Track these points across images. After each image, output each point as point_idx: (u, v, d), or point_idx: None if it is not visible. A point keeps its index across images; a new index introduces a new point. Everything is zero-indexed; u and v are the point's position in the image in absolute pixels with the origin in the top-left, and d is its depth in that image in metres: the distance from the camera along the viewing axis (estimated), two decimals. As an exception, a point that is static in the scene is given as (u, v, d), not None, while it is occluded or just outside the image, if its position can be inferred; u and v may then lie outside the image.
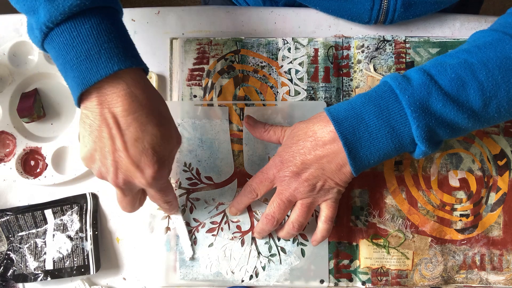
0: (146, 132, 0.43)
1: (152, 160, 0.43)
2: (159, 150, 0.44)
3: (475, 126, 0.47)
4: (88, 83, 0.41)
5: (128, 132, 0.42)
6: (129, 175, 0.44)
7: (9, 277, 0.57)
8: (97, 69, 0.41)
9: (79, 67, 0.41)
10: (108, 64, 0.41)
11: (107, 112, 0.42)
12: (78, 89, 0.41)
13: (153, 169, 0.44)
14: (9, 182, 0.60)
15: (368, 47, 0.60)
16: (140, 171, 0.43)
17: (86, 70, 0.41)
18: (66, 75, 0.42)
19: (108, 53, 0.41)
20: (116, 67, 0.41)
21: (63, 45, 0.41)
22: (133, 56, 0.43)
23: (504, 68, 0.45)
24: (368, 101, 0.48)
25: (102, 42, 0.41)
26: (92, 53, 0.41)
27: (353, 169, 0.49)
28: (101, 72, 0.41)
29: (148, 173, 0.44)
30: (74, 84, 0.41)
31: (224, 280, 0.57)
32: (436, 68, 0.47)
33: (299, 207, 0.52)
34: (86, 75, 0.41)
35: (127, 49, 0.43)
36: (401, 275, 0.58)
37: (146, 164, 0.43)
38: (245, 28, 0.62)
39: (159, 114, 0.44)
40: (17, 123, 0.59)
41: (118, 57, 0.41)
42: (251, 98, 0.60)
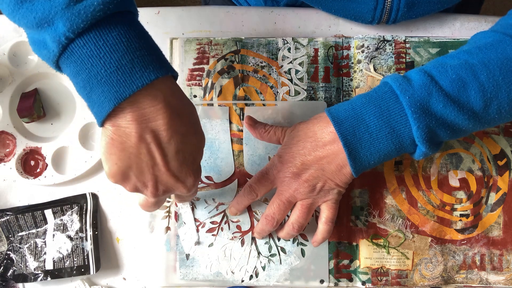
0: (185, 144, 0.41)
1: (192, 170, 0.42)
2: (197, 158, 0.43)
3: (475, 127, 0.47)
4: (122, 97, 0.36)
5: (169, 146, 0.40)
6: (169, 187, 0.42)
7: (9, 277, 0.57)
8: (132, 80, 0.36)
9: (109, 80, 0.36)
10: (144, 73, 0.37)
11: (145, 128, 0.38)
12: (109, 105, 0.37)
13: (193, 177, 0.43)
14: (9, 182, 0.60)
15: (368, 47, 0.60)
16: (182, 183, 0.42)
17: (118, 82, 0.36)
18: (91, 91, 0.37)
19: (142, 62, 0.37)
20: (153, 76, 0.37)
21: (87, 58, 0.36)
22: (166, 63, 0.40)
23: (505, 69, 0.45)
24: (368, 101, 0.48)
25: (134, 50, 0.37)
26: (123, 62, 0.36)
27: (353, 170, 0.49)
28: (137, 82, 0.37)
29: (189, 182, 0.43)
30: (104, 100, 0.37)
31: (224, 280, 0.57)
32: (437, 69, 0.47)
33: (299, 208, 0.52)
34: (119, 88, 0.36)
35: (160, 56, 0.39)
36: (401, 275, 0.58)
37: (187, 174, 0.42)
38: (245, 28, 0.62)
39: (195, 121, 0.43)
40: (17, 123, 0.59)
41: (154, 65, 0.38)
42: (251, 98, 0.60)
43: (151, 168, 0.40)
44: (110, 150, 0.39)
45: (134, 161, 0.40)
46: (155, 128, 0.39)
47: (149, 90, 0.38)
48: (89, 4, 0.36)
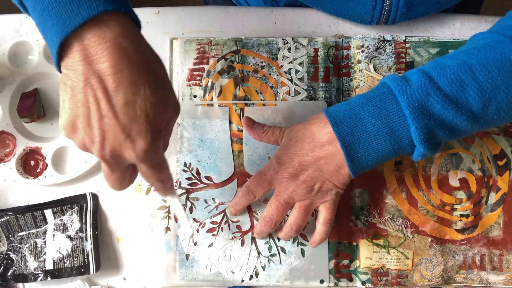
0: (138, 95, 0.36)
1: (145, 129, 0.37)
2: (153, 118, 0.37)
3: (474, 128, 0.47)
4: (68, 29, 0.34)
5: (117, 94, 0.35)
6: (117, 147, 0.37)
7: (9, 277, 0.57)
8: (79, 10, 0.34)
9: (58, 10, 0.34)
10: (92, 4, 0.34)
11: (91, 69, 0.35)
12: (58, 39, 0.34)
13: (145, 139, 0.37)
14: (9, 182, 0.60)
15: (368, 47, 0.60)
16: (131, 142, 0.37)
17: (66, 13, 0.34)
18: (45, 26, 0.35)
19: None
20: (101, 8, 0.34)
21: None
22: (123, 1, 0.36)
23: (503, 70, 0.45)
24: (366, 102, 0.47)
25: None
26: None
27: (351, 170, 0.48)
28: (83, 13, 0.34)
29: (139, 144, 0.37)
30: (53, 34, 0.35)
31: (224, 280, 0.57)
32: (436, 69, 0.46)
33: (297, 209, 0.52)
34: (66, 19, 0.34)
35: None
36: (401, 275, 0.58)
37: (137, 133, 0.37)
38: (245, 28, 0.62)
39: (154, 74, 0.38)
40: (17, 123, 0.59)
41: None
42: (251, 98, 0.60)
43: (98, 120, 0.36)
44: (63, 96, 0.37)
45: (82, 110, 0.36)
46: (101, 71, 0.35)
47: (98, 25, 0.35)
48: None
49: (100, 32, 0.35)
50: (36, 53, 0.59)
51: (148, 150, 0.38)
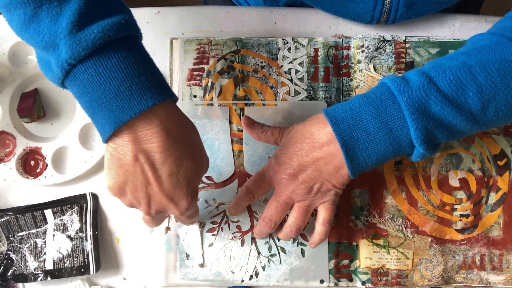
0: (180, 167, 0.42)
1: (186, 193, 0.43)
2: (193, 182, 0.43)
3: (473, 129, 0.47)
4: (120, 122, 0.38)
5: (163, 168, 0.41)
6: (162, 208, 0.44)
7: (9, 277, 0.57)
8: (130, 106, 0.38)
9: (108, 105, 0.38)
10: (141, 100, 0.38)
11: (140, 149, 0.40)
12: (110, 129, 0.39)
13: (187, 201, 0.44)
14: (9, 182, 0.60)
15: (368, 47, 0.60)
16: (174, 204, 0.43)
17: (117, 108, 0.38)
18: (94, 113, 0.40)
19: (140, 88, 0.39)
20: (150, 103, 0.39)
21: (88, 83, 0.38)
22: (165, 88, 0.41)
23: (503, 71, 0.45)
24: (366, 102, 0.47)
25: (132, 77, 0.39)
26: (122, 89, 0.38)
27: (350, 171, 0.48)
28: (135, 109, 0.38)
29: (182, 205, 0.44)
30: (105, 123, 0.39)
31: (224, 280, 0.57)
32: (435, 70, 0.46)
33: (296, 210, 0.52)
34: (118, 113, 0.38)
35: (159, 82, 0.40)
36: (401, 275, 0.58)
37: (180, 197, 0.43)
38: (245, 28, 0.62)
39: (193, 146, 0.43)
40: (17, 123, 0.59)
41: (151, 91, 0.39)
42: (251, 98, 0.60)
43: (144, 186, 0.42)
44: (110, 165, 0.42)
45: (129, 178, 0.42)
46: (150, 150, 0.40)
47: (145, 115, 0.39)
48: (90, 32, 0.37)
49: (148, 119, 0.40)
50: (36, 53, 0.59)
51: (189, 208, 0.45)
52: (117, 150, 0.41)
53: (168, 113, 0.41)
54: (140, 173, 0.41)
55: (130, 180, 0.42)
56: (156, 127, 0.40)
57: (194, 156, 0.43)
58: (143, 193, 0.43)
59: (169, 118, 0.41)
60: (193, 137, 0.44)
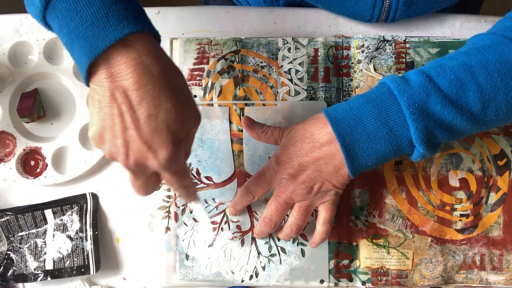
0: (160, 108, 0.38)
1: (166, 140, 0.39)
2: (174, 129, 0.39)
3: (473, 129, 0.47)
4: (96, 52, 0.36)
5: (140, 108, 0.38)
6: (140, 157, 0.40)
7: (9, 277, 0.57)
8: (105, 34, 0.36)
9: (85, 34, 0.36)
10: (117, 27, 0.36)
11: (117, 86, 0.37)
12: (86, 60, 0.37)
13: (167, 150, 0.39)
14: (9, 182, 0.60)
15: (368, 47, 0.60)
16: (153, 152, 0.39)
17: (93, 37, 0.36)
18: (72, 47, 0.38)
19: (117, 16, 0.36)
20: (127, 30, 0.36)
21: (66, 12, 0.37)
22: (144, 19, 0.39)
23: (503, 71, 0.45)
24: (366, 102, 0.47)
25: (110, 4, 0.36)
26: (98, 16, 0.36)
27: (350, 171, 0.48)
28: (110, 37, 0.36)
29: (161, 154, 0.39)
30: (82, 56, 0.37)
31: (224, 280, 0.57)
32: (435, 70, 0.46)
33: (296, 210, 0.52)
34: (94, 42, 0.36)
35: (138, 12, 0.38)
36: (401, 275, 0.58)
37: (159, 144, 0.39)
38: (245, 28, 0.62)
39: (175, 88, 0.40)
40: (17, 123, 0.59)
41: (128, 19, 0.37)
42: (251, 98, 0.60)
43: (122, 132, 0.38)
44: (92, 110, 0.39)
45: (108, 123, 0.39)
46: (126, 87, 0.37)
47: (122, 46, 0.37)
48: None
49: (124, 51, 0.37)
50: (36, 53, 0.59)
51: (169, 159, 0.40)
52: (96, 91, 0.38)
53: (146, 46, 0.38)
54: (117, 116, 0.38)
55: (109, 124, 0.39)
56: (132, 60, 0.37)
57: (177, 98, 0.39)
58: (121, 140, 0.39)
59: (148, 53, 0.38)
60: (177, 79, 0.41)
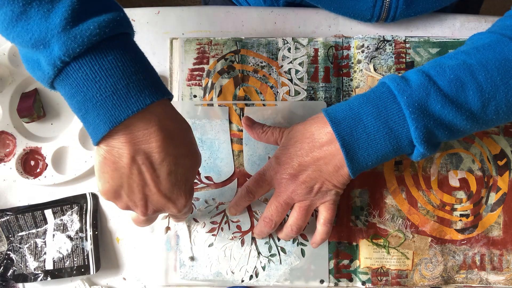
0: (178, 165, 0.41)
1: (184, 191, 0.43)
2: (190, 180, 0.43)
3: (473, 128, 0.47)
4: (117, 121, 0.37)
5: (161, 167, 0.40)
6: (160, 207, 0.43)
7: (9, 277, 0.57)
8: (127, 104, 0.37)
9: (104, 104, 0.37)
10: (139, 98, 0.37)
11: (138, 149, 0.39)
12: (105, 128, 0.37)
13: (185, 199, 0.43)
14: (9, 182, 0.60)
15: (368, 47, 0.60)
16: (173, 203, 0.43)
17: (113, 107, 0.37)
18: (86, 113, 0.38)
19: (138, 86, 0.37)
20: (149, 101, 0.38)
21: (82, 81, 0.37)
22: (162, 86, 0.40)
23: (503, 70, 0.45)
24: (366, 102, 0.47)
25: (130, 74, 0.37)
26: (119, 87, 0.37)
27: (350, 170, 0.48)
28: (132, 107, 0.37)
29: (180, 203, 0.43)
30: (99, 123, 0.38)
31: (224, 280, 0.57)
32: (435, 69, 0.46)
33: (297, 210, 0.52)
34: (114, 112, 0.37)
35: (155, 80, 0.40)
36: (401, 275, 0.58)
37: (178, 195, 0.43)
38: (245, 28, 0.62)
39: (189, 143, 0.43)
40: (17, 123, 0.59)
41: (149, 89, 0.38)
42: (251, 98, 0.60)
43: (141, 188, 0.41)
44: (103, 169, 0.40)
45: (125, 181, 0.41)
46: (148, 151, 0.39)
47: (143, 113, 0.38)
48: (86, 28, 0.36)
49: (146, 119, 0.38)
50: (36, 53, 0.59)
51: (187, 206, 0.45)
52: (111, 153, 0.39)
53: (165, 111, 0.40)
54: (137, 175, 0.40)
55: (126, 183, 0.41)
56: (154, 126, 0.39)
57: (191, 153, 0.43)
58: (140, 195, 0.42)
59: (166, 117, 0.40)
60: (189, 134, 0.43)
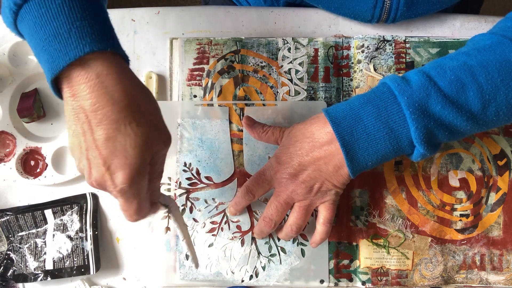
0: (118, 131, 0.37)
1: (124, 163, 0.38)
2: (134, 154, 0.38)
3: (473, 129, 0.47)
4: (57, 69, 0.36)
5: (99, 130, 0.37)
6: (100, 177, 0.39)
7: (9, 277, 0.57)
8: (66, 50, 0.36)
9: (48, 48, 0.36)
10: (78, 45, 0.36)
11: (79, 105, 0.37)
12: (49, 76, 0.37)
13: (123, 174, 0.38)
14: (9, 182, 0.60)
15: (368, 47, 0.60)
16: (110, 174, 0.38)
17: (55, 51, 0.36)
18: (38, 57, 0.38)
19: (80, 32, 0.36)
20: (88, 48, 0.36)
21: (33, 24, 0.36)
22: (110, 39, 0.38)
23: (503, 71, 0.45)
24: (366, 102, 0.47)
25: (74, 20, 0.36)
26: (61, 31, 0.36)
27: (350, 170, 0.48)
28: (70, 54, 0.36)
29: (118, 178, 0.38)
30: (46, 70, 0.37)
31: (224, 280, 0.57)
32: (436, 70, 0.46)
33: (296, 209, 0.52)
34: (55, 58, 0.36)
35: (104, 30, 0.37)
36: (401, 275, 0.58)
37: (117, 167, 0.38)
38: (245, 28, 0.62)
39: (138, 110, 0.39)
40: (17, 123, 0.59)
41: (92, 37, 0.36)
42: (251, 98, 0.60)
43: (85, 150, 0.39)
44: (67, 122, 0.40)
45: (76, 140, 0.39)
46: (85, 107, 0.37)
47: (82, 65, 0.36)
48: None
49: (83, 71, 0.36)
50: (36, 53, 0.59)
51: (126, 183, 0.39)
52: (65, 108, 0.38)
53: (107, 67, 0.37)
54: (81, 134, 0.38)
55: (77, 141, 0.39)
56: (90, 80, 0.36)
57: (139, 121, 0.38)
58: (85, 158, 0.39)
59: (108, 73, 0.37)
60: (141, 101, 0.39)
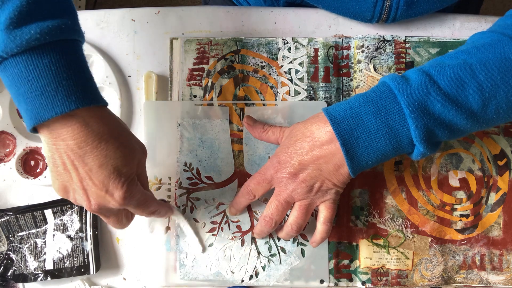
0: (108, 157, 0.43)
1: (120, 182, 0.44)
2: (125, 171, 0.44)
3: (473, 128, 0.47)
4: (41, 119, 0.40)
5: (90, 160, 0.42)
6: (101, 201, 0.44)
7: (9, 277, 0.57)
8: (52, 106, 0.39)
9: (33, 101, 0.39)
10: (64, 102, 0.40)
11: (65, 145, 0.41)
12: (30, 123, 0.40)
13: (122, 190, 0.44)
14: (9, 182, 0.60)
15: (368, 47, 0.60)
16: (110, 195, 0.44)
17: (40, 105, 0.39)
18: (19, 105, 0.41)
19: (66, 91, 0.40)
20: (73, 106, 0.40)
21: (17, 77, 0.39)
22: (93, 93, 0.42)
23: (503, 69, 0.45)
24: (366, 101, 0.47)
25: (61, 79, 0.40)
26: (48, 89, 0.39)
27: (350, 169, 0.48)
28: (56, 109, 0.39)
29: (118, 195, 0.44)
30: (26, 117, 0.41)
31: (224, 280, 0.57)
32: (435, 69, 0.46)
33: (297, 209, 0.52)
34: (40, 111, 0.40)
35: (88, 87, 0.42)
36: (401, 275, 0.58)
37: (114, 187, 0.44)
38: (245, 28, 0.62)
39: (118, 136, 0.44)
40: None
41: (76, 95, 0.40)
42: (251, 98, 0.60)
43: (79, 182, 0.43)
44: (49, 166, 0.43)
45: (66, 176, 0.43)
46: (74, 146, 0.41)
47: (67, 116, 0.40)
48: (27, 31, 0.38)
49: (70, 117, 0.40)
50: (36, 53, 0.59)
51: (126, 197, 0.45)
52: (48, 150, 0.42)
53: (93, 114, 0.42)
54: (72, 169, 0.42)
55: (67, 177, 0.43)
56: (77, 123, 0.41)
57: (121, 144, 0.44)
58: (81, 190, 0.43)
59: (91, 116, 0.42)
60: (119, 129, 0.45)
